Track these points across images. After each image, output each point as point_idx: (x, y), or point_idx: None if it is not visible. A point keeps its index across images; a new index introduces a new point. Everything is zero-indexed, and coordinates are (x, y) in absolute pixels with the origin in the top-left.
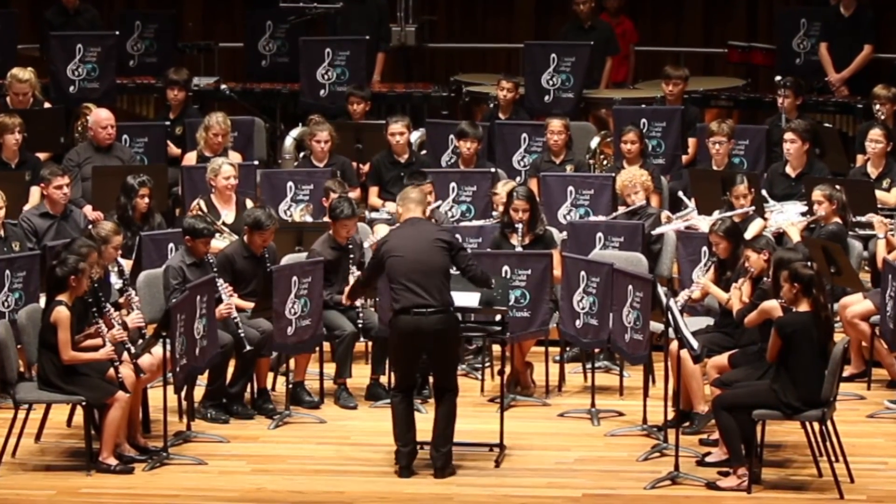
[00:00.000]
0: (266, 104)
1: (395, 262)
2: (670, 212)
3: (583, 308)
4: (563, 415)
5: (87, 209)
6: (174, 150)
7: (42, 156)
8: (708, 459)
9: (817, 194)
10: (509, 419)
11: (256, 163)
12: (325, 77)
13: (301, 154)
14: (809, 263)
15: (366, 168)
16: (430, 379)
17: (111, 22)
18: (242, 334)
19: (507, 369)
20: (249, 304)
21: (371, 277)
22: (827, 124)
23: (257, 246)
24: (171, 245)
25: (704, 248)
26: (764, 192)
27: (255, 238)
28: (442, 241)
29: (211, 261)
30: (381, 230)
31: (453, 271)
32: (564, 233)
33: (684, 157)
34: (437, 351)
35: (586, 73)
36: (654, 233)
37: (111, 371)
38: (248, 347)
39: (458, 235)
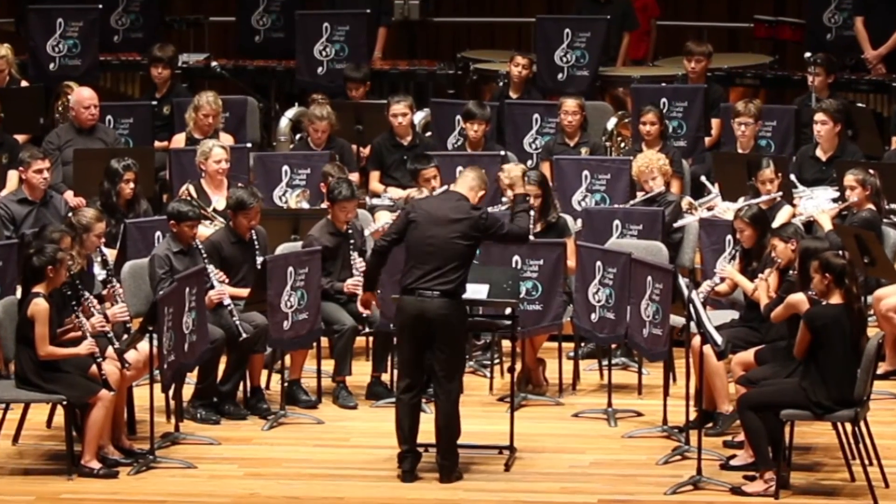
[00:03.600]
0: (260, 82)
1: (412, 232)
2: (692, 198)
3: (599, 301)
4: (577, 415)
5: (68, 195)
6: (161, 144)
7: (20, 138)
8: (733, 463)
9: (850, 179)
10: (520, 420)
11: (249, 145)
12: (323, 53)
13: (297, 136)
14: (841, 252)
15: (366, 151)
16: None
17: None
18: (237, 321)
19: (518, 366)
20: (243, 292)
21: (394, 240)
22: (860, 104)
23: (244, 228)
24: (157, 233)
25: (728, 237)
26: (792, 177)
27: (241, 220)
28: (467, 230)
29: (199, 247)
30: (383, 217)
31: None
32: (579, 220)
33: (707, 140)
34: (440, 337)
35: (602, 49)
36: (675, 225)
37: (94, 368)
38: (245, 335)
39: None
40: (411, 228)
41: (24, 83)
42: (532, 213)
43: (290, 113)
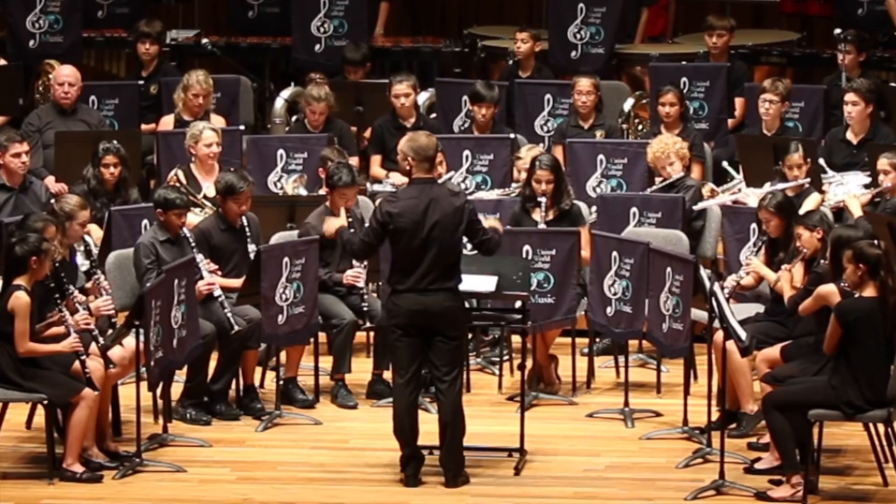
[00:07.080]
0: (253, 61)
1: (401, 242)
2: (714, 184)
3: (615, 293)
4: (592, 415)
5: (49, 180)
6: (148, 126)
7: None
8: (757, 466)
9: (883, 163)
10: (531, 420)
11: (242, 127)
12: (321, 30)
13: (293, 118)
14: (876, 242)
15: (367, 134)
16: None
17: None
18: (229, 313)
19: (529, 363)
20: (235, 283)
21: (370, 247)
22: (893, 84)
23: (234, 214)
24: (144, 221)
25: (753, 226)
26: (821, 162)
27: (231, 205)
28: (460, 214)
29: (188, 235)
30: None
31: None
32: (594, 208)
33: (730, 122)
34: (443, 330)
35: (619, 25)
36: (695, 208)
37: (77, 365)
38: (236, 328)
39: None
40: (397, 239)
41: (2, 61)
42: (544, 201)
43: (286, 93)
